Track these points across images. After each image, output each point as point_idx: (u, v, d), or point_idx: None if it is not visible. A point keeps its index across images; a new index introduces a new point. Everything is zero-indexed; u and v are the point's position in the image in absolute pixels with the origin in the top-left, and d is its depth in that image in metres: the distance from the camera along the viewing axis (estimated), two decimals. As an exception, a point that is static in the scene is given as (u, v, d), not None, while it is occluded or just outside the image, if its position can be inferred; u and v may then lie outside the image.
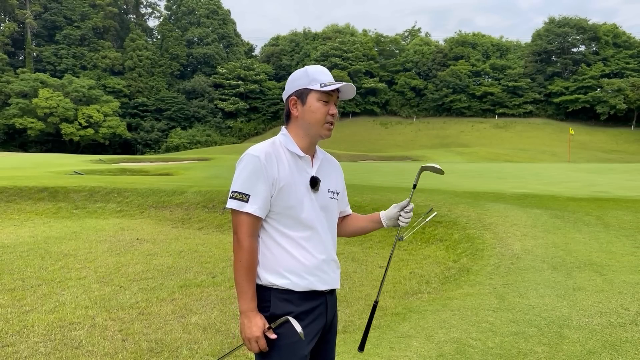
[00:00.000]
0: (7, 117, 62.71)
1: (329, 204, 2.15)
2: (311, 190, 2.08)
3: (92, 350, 4.29)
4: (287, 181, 2.03)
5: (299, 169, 2.08)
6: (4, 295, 5.66)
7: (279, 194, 2.03)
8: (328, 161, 2.25)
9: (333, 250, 2.18)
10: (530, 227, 7.53)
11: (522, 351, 3.70)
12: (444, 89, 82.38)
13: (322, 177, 2.14)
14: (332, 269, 2.16)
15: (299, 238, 2.06)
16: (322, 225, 2.12)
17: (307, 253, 2.05)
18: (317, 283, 2.08)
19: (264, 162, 2.01)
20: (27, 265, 7.05)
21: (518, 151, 54.08)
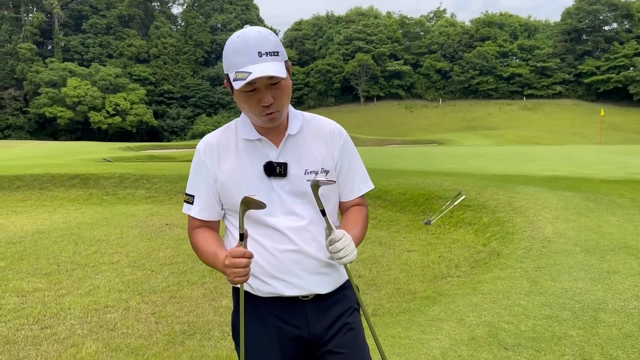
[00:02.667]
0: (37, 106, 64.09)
1: (305, 188, 1.73)
2: (270, 178, 1.72)
3: (127, 332, 4.39)
4: (229, 175, 1.74)
5: (256, 155, 1.74)
6: (41, 279, 5.82)
7: (223, 191, 1.76)
8: (311, 132, 1.82)
9: (318, 246, 1.76)
10: (562, 210, 7.38)
11: (556, 335, 3.64)
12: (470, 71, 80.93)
13: (294, 156, 1.75)
14: (310, 270, 1.75)
15: (258, 236, 1.74)
16: (294, 215, 1.75)
17: (268, 253, 1.73)
18: (283, 288, 1.74)
19: (203, 157, 1.77)
20: (61, 250, 7.23)
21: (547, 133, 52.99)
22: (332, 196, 1.85)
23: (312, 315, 1.78)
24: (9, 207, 10.60)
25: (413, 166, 14.82)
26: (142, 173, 13.42)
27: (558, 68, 78.69)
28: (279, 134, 1.76)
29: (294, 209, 1.74)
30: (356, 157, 1.91)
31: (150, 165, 16.59)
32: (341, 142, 1.85)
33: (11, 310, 4.86)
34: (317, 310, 1.78)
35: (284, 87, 1.67)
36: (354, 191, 1.91)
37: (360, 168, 1.93)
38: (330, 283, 1.80)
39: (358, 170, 1.92)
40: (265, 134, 1.75)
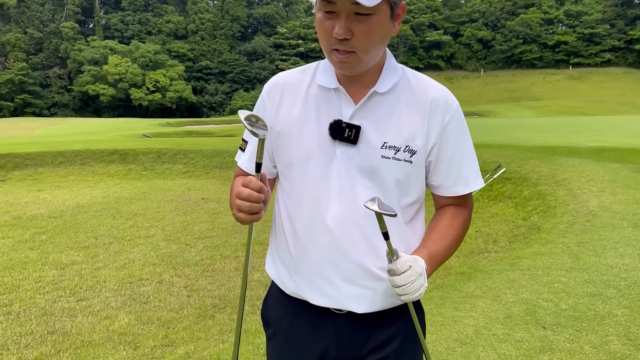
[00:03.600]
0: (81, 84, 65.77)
1: (378, 166, 1.29)
2: (334, 141, 1.30)
3: (159, 305, 4.43)
4: (286, 124, 1.36)
5: (326, 108, 1.33)
6: (79, 253, 5.95)
7: (275, 144, 1.39)
8: (407, 95, 1.33)
9: (367, 248, 1.32)
10: (608, 183, 7.02)
11: (599, 314, 3.45)
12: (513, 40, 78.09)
13: (373, 120, 1.30)
14: (349, 279, 1.33)
15: (295, 209, 1.37)
16: (349, 199, 1.32)
17: (299, 242, 1.36)
18: (310, 293, 1.36)
19: (265, 96, 1.42)
20: (100, 224, 7.38)
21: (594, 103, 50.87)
22: (415, 189, 1.36)
23: (343, 335, 1.38)
24: (52, 182, 10.91)
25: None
26: (179, 148, 13.57)
27: (607, 34, 74.94)
28: (364, 88, 1.32)
29: (354, 190, 1.30)
30: (466, 144, 1.39)
31: (188, 141, 16.78)
32: (446, 119, 1.33)
33: (50, 282, 4.98)
34: (351, 331, 1.37)
35: (374, 25, 1.21)
36: (453, 187, 1.39)
37: (470, 158, 1.40)
38: (373, 301, 1.34)
39: (466, 161, 1.39)
40: (347, 84, 1.32)
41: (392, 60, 1.37)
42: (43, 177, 11.23)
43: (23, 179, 10.90)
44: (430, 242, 1.36)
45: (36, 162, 11.75)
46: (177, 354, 3.56)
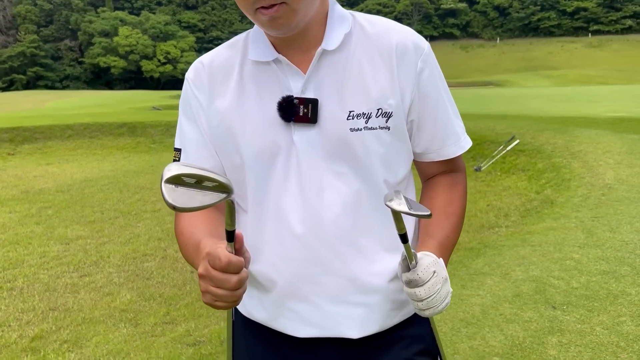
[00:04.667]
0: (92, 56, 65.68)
1: (349, 143, 1.02)
2: (288, 124, 1.03)
3: (162, 281, 4.38)
4: (224, 117, 1.07)
5: (268, 86, 1.06)
6: (84, 227, 5.92)
7: (217, 143, 1.10)
8: (365, 46, 1.06)
9: (354, 254, 1.05)
10: (626, 155, 6.80)
11: (612, 292, 3.32)
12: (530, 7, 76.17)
13: (330, 88, 1.03)
14: (335, 297, 1.06)
15: (256, 222, 1.09)
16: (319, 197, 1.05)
17: (266, 262, 1.07)
18: (288, 323, 1.09)
19: (191, 87, 1.12)
20: (106, 198, 7.35)
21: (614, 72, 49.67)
22: (401, 161, 1.10)
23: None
24: (61, 155, 10.91)
25: (465, 109, 14.15)
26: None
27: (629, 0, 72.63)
28: (309, 51, 1.04)
29: (322, 181, 1.03)
30: (447, 93, 1.13)
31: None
32: (418, 66, 1.05)
33: (54, 258, 4.96)
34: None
35: None
36: (444, 149, 1.13)
37: (455, 110, 1.15)
38: (370, 321, 1.07)
39: (453, 114, 1.14)
40: (287, 51, 1.05)
41: (336, 6, 1.09)
42: (52, 150, 11.23)
43: (32, 153, 10.92)
44: (435, 227, 1.11)
45: (45, 136, 11.75)
46: (177, 331, 3.51)
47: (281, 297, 1.07)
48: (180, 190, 0.74)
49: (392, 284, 1.07)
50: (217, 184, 0.76)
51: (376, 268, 1.06)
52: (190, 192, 0.75)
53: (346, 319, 1.06)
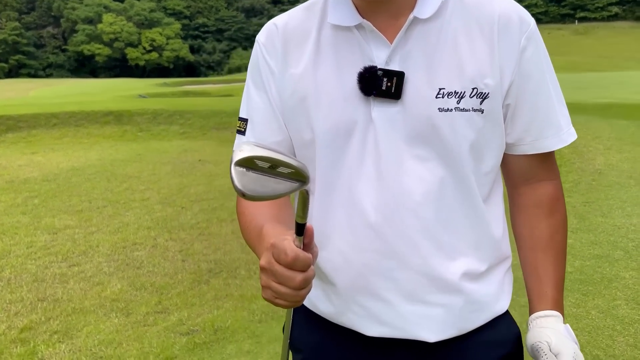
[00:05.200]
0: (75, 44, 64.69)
1: (436, 125, 0.90)
2: (367, 99, 0.92)
3: (153, 270, 4.32)
4: (298, 87, 0.97)
5: (349, 55, 0.94)
6: (72, 217, 5.83)
7: (288, 115, 1.00)
8: (462, 17, 0.93)
9: (435, 246, 0.94)
10: (615, 140, 6.83)
11: (606, 276, 3.33)
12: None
13: (420, 61, 0.92)
14: (412, 295, 0.95)
15: (324, 209, 1.00)
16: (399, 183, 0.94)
17: (334, 251, 0.98)
18: (357, 319, 0.99)
19: (262, 51, 1.02)
20: (94, 187, 7.24)
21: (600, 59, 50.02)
22: (492, 150, 0.96)
23: None
24: (46, 144, 10.72)
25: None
26: (176, 109, 13.32)
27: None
28: (397, 18, 0.93)
29: (403, 166, 0.92)
30: (552, 76, 0.99)
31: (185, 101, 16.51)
32: (522, 43, 0.93)
33: (42, 248, 4.87)
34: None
35: None
36: (540, 141, 0.98)
37: (559, 96, 1.00)
38: (447, 323, 0.96)
39: (556, 100, 0.98)
40: (372, 16, 0.93)
41: None
42: (37, 139, 11.05)
43: (16, 142, 10.73)
44: (546, 268, 0.99)
45: (30, 124, 11.54)
46: (170, 320, 3.46)
47: (349, 290, 0.97)
48: (251, 175, 0.67)
49: (475, 285, 0.96)
50: (292, 171, 0.69)
51: (458, 266, 0.94)
52: (263, 178, 0.68)
53: (422, 319, 0.95)
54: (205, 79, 54.32)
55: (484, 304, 0.99)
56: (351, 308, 0.98)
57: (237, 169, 0.66)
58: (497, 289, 1.00)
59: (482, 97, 0.90)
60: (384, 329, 0.97)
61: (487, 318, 1.00)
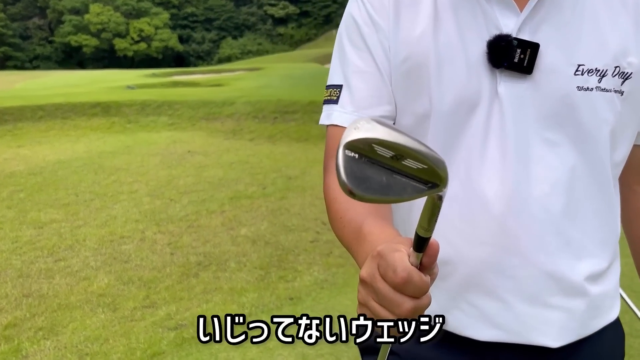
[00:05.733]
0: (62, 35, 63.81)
1: (574, 105, 0.81)
2: (493, 72, 0.82)
3: (141, 264, 4.26)
4: (413, 52, 0.84)
5: (473, 21, 0.83)
6: (58, 210, 5.73)
7: (399, 83, 0.87)
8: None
9: (562, 243, 0.86)
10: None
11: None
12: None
13: (555, 33, 0.82)
14: (533, 296, 0.86)
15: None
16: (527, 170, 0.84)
17: (445, 242, 0.75)
18: (467, 320, 0.88)
19: (367, 6, 0.88)
20: (81, 180, 7.13)
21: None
22: (625, 139, 0.89)
23: None
24: (32, 137, 10.54)
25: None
26: (164, 99, 13.15)
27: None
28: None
29: (531, 150, 0.82)
30: None
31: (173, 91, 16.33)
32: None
33: (27, 242, 4.79)
34: None
35: None
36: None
37: None
38: (568, 328, 0.88)
39: None
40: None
41: None
42: (23, 132, 10.87)
43: (2, 135, 10.54)
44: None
45: (15, 117, 11.34)
46: (157, 315, 3.40)
47: (460, 286, 0.86)
48: (366, 167, 0.50)
49: (599, 287, 0.89)
50: (425, 167, 0.50)
51: (584, 267, 0.86)
52: (382, 173, 0.50)
53: (542, 324, 0.86)
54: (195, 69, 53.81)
55: (602, 309, 0.91)
56: (460, 306, 0.87)
57: (348, 155, 0.49)
58: (614, 292, 0.93)
59: (624, 77, 0.82)
60: (498, 332, 0.86)
61: (602, 324, 0.92)
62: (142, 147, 9.50)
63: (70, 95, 13.83)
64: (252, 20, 79.71)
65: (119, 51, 65.05)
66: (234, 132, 10.95)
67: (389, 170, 0.50)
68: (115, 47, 64.85)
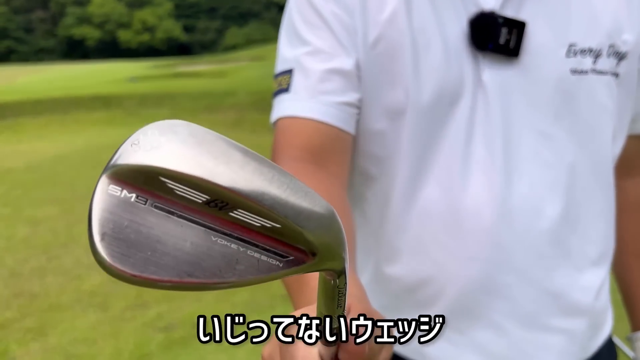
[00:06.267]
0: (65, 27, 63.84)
1: (569, 92, 0.71)
2: (476, 55, 0.71)
3: (134, 262, 4.21)
4: (383, 35, 0.71)
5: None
6: (54, 207, 5.69)
7: (367, 73, 0.72)
8: None
9: (563, 256, 0.76)
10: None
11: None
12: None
13: (543, 11, 0.71)
14: (529, 321, 0.75)
15: (415, 205, 0.74)
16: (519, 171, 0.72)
17: (424, 261, 0.75)
18: (452, 350, 0.76)
19: None
20: (78, 175, 7.09)
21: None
22: (623, 127, 0.79)
23: None
24: (32, 132, 10.53)
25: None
26: (165, 91, 13.13)
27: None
28: None
29: (524, 148, 0.72)
30: None
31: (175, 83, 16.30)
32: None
33: (21, 240, 4.76)
34: None
35: None
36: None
37: None
38: (571, 353, 0.78)
39: None
40: None
41: None
42: (22, 127, 10.85)
43: (1, 131, 10.53)
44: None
45: (15, 112, 11.34)
46: (148, 315, 3.35)
47: (446, 312, 0.74)
48: (149, 221, 0.29)
49: (598, 303, 0.79)
50: (280, 227, 0.29)
51: (585, 280, 0.76)
52: (185, 233, 0.29)
53: (541, 350, 0.75)
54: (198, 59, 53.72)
55: (598, 326, 0.82)
56: (445, 335, 0.73)
57: (112, 195, 0.30)
58: (606, 304, 0.83)
59: (618, 58, 0.72)
60: (482, 357, 0.75)
61: (599, 343, 0.82)
62: (141, 141, 9.45)
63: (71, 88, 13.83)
64: (257, 8, 79.30)
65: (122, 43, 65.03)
66: (235, 123, 10.89)
67: (204, 228, 0.29)
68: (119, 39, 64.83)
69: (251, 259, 0.29)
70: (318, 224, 0.29)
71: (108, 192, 0.30)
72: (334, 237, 0.30)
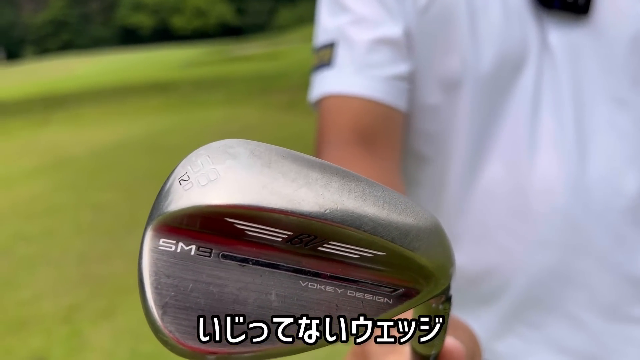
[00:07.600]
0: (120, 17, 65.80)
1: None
2: (540, 17, 0.62)
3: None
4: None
5: None
6: (117, 193, 5.88)
7: (421, 34, 0.63)
8: None
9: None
10: None
11: None
12: None
13: None
14: (610, 311, 0.66)
15: (476, 185, 0.65)
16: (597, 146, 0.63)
17: (486, 243, 0.67)
18: (520, 345, 0.68)
19: None
20: (138, 160, 7.30)
21: None
22: None
23: None
24: (92, 120, 10.90)
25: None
26: (219, 75, 13.28)
27: None
28: None
29: (597, 117, 0.64)
30: None
31: (228, 67, 16.46)
32: None
33: (88, 226, 4.94)
34: None
35: None
36: None
37: None
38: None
39: None
40: None
41: None
42: (83, 116, 11.27)
43: (64, 120, 10.98)
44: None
45: (76, 102, 11.78)
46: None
47: (516, 304, 0.66)
48: (220, 276, 0.23)
49: None
50: (384, 255, 0.23)
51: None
52: (270, 283, 0.23)
53: (623, 343, 0.66)
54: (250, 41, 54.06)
55: None
56: (516, 329, 0.66)
57: (166, 251, 0.24)
58: None
59: None
60: (567, 359, 0.66)
61: None
62: (197, 125, 9.63)
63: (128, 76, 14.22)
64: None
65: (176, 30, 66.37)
66: (289, 106, 10.88)
67: (288, 272, 0.23)
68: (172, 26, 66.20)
69: (354, 301, 0.23)
70: (429, 242, 0.23)
71: (159, 249, 0.23)
72: (447, 254, 0.25)
